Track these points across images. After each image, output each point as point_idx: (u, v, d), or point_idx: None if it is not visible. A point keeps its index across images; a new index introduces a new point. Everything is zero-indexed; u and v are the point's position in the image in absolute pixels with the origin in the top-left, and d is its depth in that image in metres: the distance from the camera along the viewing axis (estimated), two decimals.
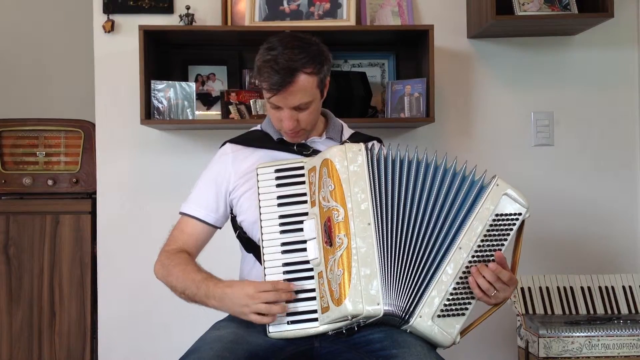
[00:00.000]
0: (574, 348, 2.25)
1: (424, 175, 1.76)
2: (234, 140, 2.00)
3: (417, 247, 1.72)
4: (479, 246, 1.72)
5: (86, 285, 2.77)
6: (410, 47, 2.78)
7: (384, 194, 1.74)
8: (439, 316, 1.69)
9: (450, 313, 1.70)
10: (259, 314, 1.70)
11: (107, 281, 2.78)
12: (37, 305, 2.77)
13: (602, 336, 2.26)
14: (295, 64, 1.78)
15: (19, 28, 3.55)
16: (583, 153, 2.85)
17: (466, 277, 1.71)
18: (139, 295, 2.77)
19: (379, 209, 1.72)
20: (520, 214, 1.75)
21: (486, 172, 1.77)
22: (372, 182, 1.73)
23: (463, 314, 1.72)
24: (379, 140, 2.08)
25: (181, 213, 1.98)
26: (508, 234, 1.75)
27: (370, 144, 1.86)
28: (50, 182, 2.80)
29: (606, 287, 2.50)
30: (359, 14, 2.74)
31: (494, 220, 1.73)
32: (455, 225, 1.73)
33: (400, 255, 1.71)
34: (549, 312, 2.45)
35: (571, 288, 2.50)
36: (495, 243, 1.73)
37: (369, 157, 1.76)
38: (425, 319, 1.69)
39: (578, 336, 2.25)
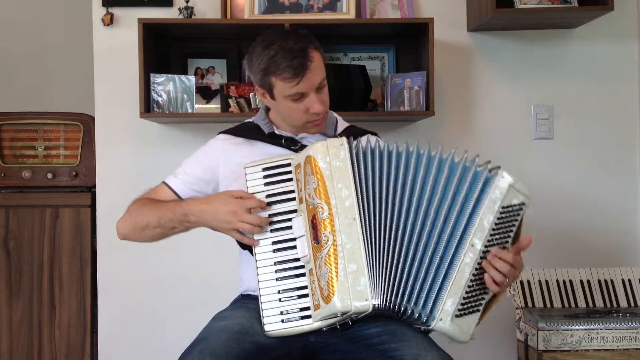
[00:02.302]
0: (573, 341, 2.26)
1: (415, 167, 1.72)
2: (226, 131, 2.02)
3: (415, 241, 1.69)
4: (488, 241, 1.69)
5: (86, 278, 2.77)
6: (410, 41, 2.78)
7: (370, 188, 1.71)
8: (457, 316, 1.67)
9: (467, 311, 1.68)
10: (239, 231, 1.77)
11: (107, 274, 2.78)
12: (37, 299, 2.77)
13: (601, 329, 2.26)
14: (304, 44, 1.80)
15: (19, 21, 3.54)
16: (583, 146, 2.85)
17: (479, 274, 1.68)
18: (139, 288, 2.78)
19: (364, 204, 1.69)
20: (524, 204, 1.73)
21: (489, 163, 1.73)
22: (356, 177, 1.71)
23: (478, 310, 1.70)
24: (375, 135, 2.06)
25: (162, 182, 1.99)
26: (514, 226, 1.73)
27: (365, 138, 1.84)
28: (49, 176, 2.80)
29: (605, 281, 2.50)
30: (359, 7, 2.74)
31: (501, 213, 1.70)
32: (464, 220, 1.68)
33: (392, 249, 1.68)
34: (549, 305, 2.45)
35: (570, 281, 2.50)
36: (502, 236, 1.71)
37: (352, 152, 1.73)
38: (445, 321, 1.66)
39: (577, 329, 2.26)
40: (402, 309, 1.68)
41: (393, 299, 1.67)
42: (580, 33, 2.83)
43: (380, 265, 1.67)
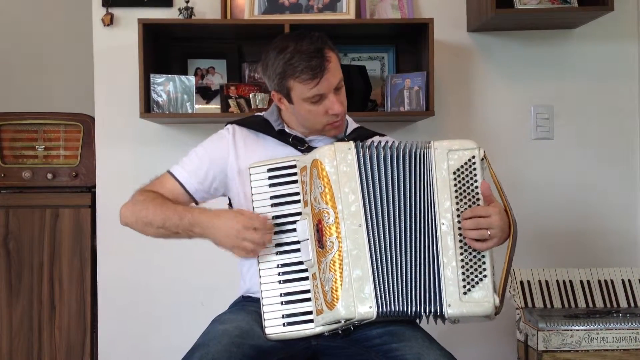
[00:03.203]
0: (573, 341, 2.26)
1: (404, 168, 1.73)
2: (236, 122, 1.98)
3: (408, 240, 1.69)
4: (457, 209, 1.69)
5: (86, 278, 2.77)
6: (410, 41, 2.78)
7: (377, 193, 1.71)
8: (464, 294, 1.66)
9: (473, 283, 1.67)
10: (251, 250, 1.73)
11: (107, 275, 2.78)
12: (37, 299, 2.77)
13: (601, 330, 2.26)
14: (319, 44, 1.79)
15: (19, 21, 3.54)
16: (583, 146, 2.85)
17: (465, 244, 1.68)
18: (139, 288, 2.78)
19: (371, 209, 1.69)
20: (473, 157, 1.73)
21: (418, 143, 1.74)
22: (363, 182, 1.70)
23: (485, 276, 1.67)
24: (383, 136, 2.03)
25: (167, 171, 1.97)
26: (475, 181, 1.71)
27: (370, 141, 1.83)
28: (49, 176, 2.80)
29: (605, 281, 2.50)
30: (359, 7, 2.74)
31: (454, 179, 1.71)
32: (428, 205, 1.70)
33: (395, 253, 1.68)
34: (549, 305, 2.45)
35: (570, 282, 2.50)
36: (469, 197, 1.71)
37: (360, 156, 1.72)
38: (456, 305, 1.66)
39: (577, 329, 2.26)
40: (411, 311, 1.67)
41: (398, 305, 1.67)
42: (580, 33, 2.83)
43: (385, 271, 1.67)
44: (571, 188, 2.84)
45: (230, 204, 1.98)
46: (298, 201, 1.76)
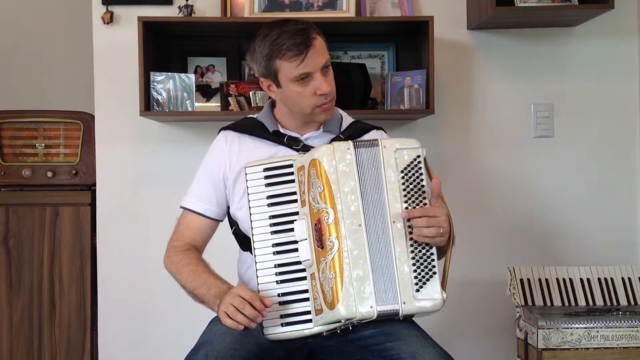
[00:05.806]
0: (573, 339, 2.26)
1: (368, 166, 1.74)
2: (228, 127, 1.99)
3: (379, 239, 1.70)
4: (406, 208, 1.70)
5: (86, 276, 2.77)
6: (410, 39, 2.77)
7: (369, 192, 1.71)
8: (417, 291, 1.68)
9: (424, 281, 1.69)
10: (230, 316, 1.66)
11: (107, 273, 2.78)
12: (37, 297, 2.77)
13: (601, 327, 2.26)
14: (304, 26, 1.80)
15: (18, 19, 3.55)
16: (583, 145, 2.85)
17: (415, 242, 1.69)
18: (139, 286, 2.78)
19: (369, 209, 1.70)
20: (419, 156, 1.74)
21: (370, 141, 1.75)
22: (361, 182, 1.71)
23: (435, 273, 1.70)
24: (381, 129, 2.04)
25: (182, 207, 1.97)
26: (422, 179, 1.73)
27: (372, 134, 1.83)
28: (49, 174, 2.80)
29: (605, 279, 2.50)
30: (359, 5, 2.74)
31: (402, 177, 1.72)
32: (381, 203, 1.70)
33: (382, 253, 1.69)
34: (548, 303, 2.45)
35: (570, 280, 2.50)
36: (417, 195, 1.72)
37: (359, 156, 1.72)
38: (410, 302, 1.67)
39: (577, 327, 2.26)
40: (398, 307, 1.68)
41: (392, 304, 1.67)
42: (581, 31, 2.82)
43: (385, 270, 1.67)
44: (571, 186, 2.84)
45: (228, 212, 1.97)
46: (295, 201, 1.76)
